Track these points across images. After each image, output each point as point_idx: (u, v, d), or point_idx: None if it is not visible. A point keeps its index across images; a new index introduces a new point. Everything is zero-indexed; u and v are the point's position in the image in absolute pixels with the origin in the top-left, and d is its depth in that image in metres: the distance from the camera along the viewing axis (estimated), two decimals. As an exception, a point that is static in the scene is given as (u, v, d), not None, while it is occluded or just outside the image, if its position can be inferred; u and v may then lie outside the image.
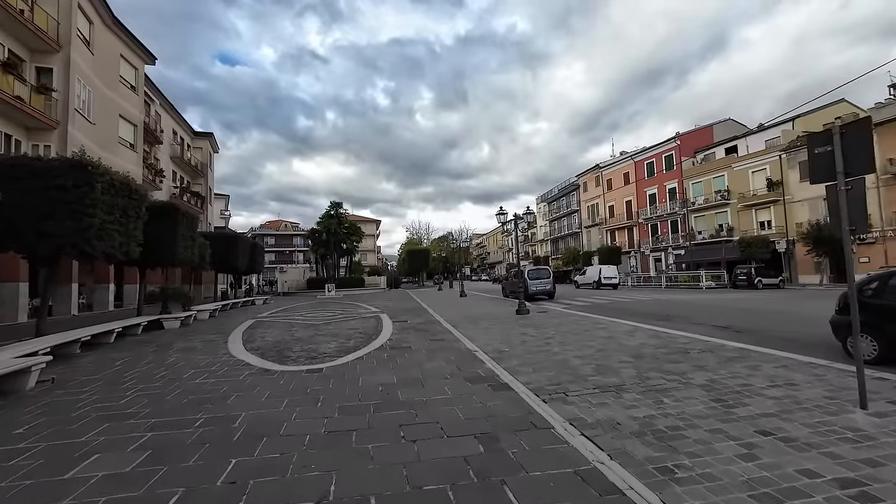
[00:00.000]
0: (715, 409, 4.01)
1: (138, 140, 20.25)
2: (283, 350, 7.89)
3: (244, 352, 7.81)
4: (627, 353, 6.63)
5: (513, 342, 8.13)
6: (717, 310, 13.45)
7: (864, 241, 24.13)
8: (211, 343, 9.01)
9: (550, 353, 6.95)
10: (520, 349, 7.38)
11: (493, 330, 9.97)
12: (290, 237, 77.77)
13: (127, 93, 19.47)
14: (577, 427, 3.68)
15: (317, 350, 7.80)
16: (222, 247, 20.74)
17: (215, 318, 14.97)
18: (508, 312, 13.98)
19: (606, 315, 12.20)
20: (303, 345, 8.44)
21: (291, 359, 7.02)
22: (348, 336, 9.55)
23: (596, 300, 18.98)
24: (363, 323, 12.25)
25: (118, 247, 10.64)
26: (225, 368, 6.33)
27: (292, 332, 10.59)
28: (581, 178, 52.07)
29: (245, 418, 4.06)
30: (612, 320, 10.76)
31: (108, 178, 10.23)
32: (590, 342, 7.73)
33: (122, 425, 3.96)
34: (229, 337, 9.90)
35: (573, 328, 9.65)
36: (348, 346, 8.25)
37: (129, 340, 9.66)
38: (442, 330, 10.22)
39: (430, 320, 12.50)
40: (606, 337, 8.22)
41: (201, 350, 8.10)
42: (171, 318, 11.91)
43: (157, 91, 25.45)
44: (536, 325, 10.39)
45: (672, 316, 12.00)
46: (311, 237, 41.67)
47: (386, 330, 10.44)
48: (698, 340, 7.43)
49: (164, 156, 25.84)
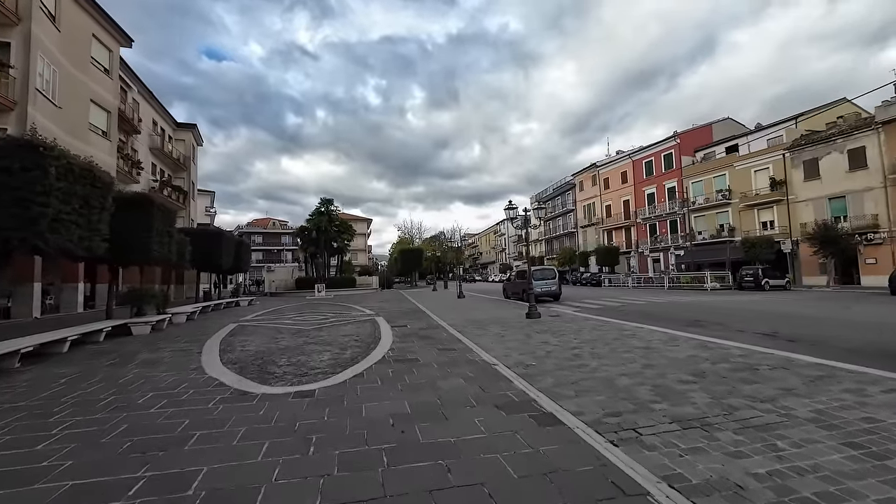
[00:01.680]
0: (858, 459, 2.93)
1: (112, 128, 18.70)
2: (266, 363, 6.65)
3: (219, 366, 6.55)
4: (682, 369, 5.56)
5: (536, 353, 7.02)
6: (747, 314, 12.47)
7: (871, 242, 23.62)
8: (182, 354, 7.71)
9: (587, 368, 5.85)
10: (548, 363, 6.26)
11: (508, 337, 8.84)
12: (278, 235, 75.87)
13: (99, 76, 17.92)
14: (682, 493, 2.56)
15: (307, 363, 6.58)
16: (205, 244, 19.31)
17: (194, 322, 13.59)
18: (517, 316, 12.88)
19: (627, 319, 11.16)
20: (290, 356, 7.21)
21: (276, 376, 5.79)
22: (343, 345, 8.33)
23: (607, 302, 17.97)
24: (358, 328, 11.03)
25: (77, 241, 9.28)
26: (191, 391, 5.08)
27: (278, 339, 9.33)
28: (577, 178, 51.34)
29: (205, 480, 2.85)
30: (638, 326, 9.71)
31: (66, 163, 8.88)
32: (626, 354, 6.65)
33: (17, 496, 2.72)
34: (205, 345, 8.60)
35: (598, 336, 8.58)
36: (344, 357, 7.04)
37: (86, 350, 8.31)
38: (449, 337, 9.06)
39: (432, 325, 11.33)
40: (644, 347, 7.15)
41: (168, 363, 6.81)
42: (140, 323, 10.53)
43: (135, 78, 23.83)
44: (554, 332, 9.29)
45: (703, 321, 10.97)
46: (300, 235, 40.14)
47: (385, 337, 9.24)
48: (757, 353, 6.39)
49: (142, 147, 24.22)
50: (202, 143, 34.36)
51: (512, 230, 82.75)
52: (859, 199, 24.33)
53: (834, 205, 25.53)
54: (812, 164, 26.52)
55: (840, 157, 25.21)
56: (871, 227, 23.52)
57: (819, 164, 26.17)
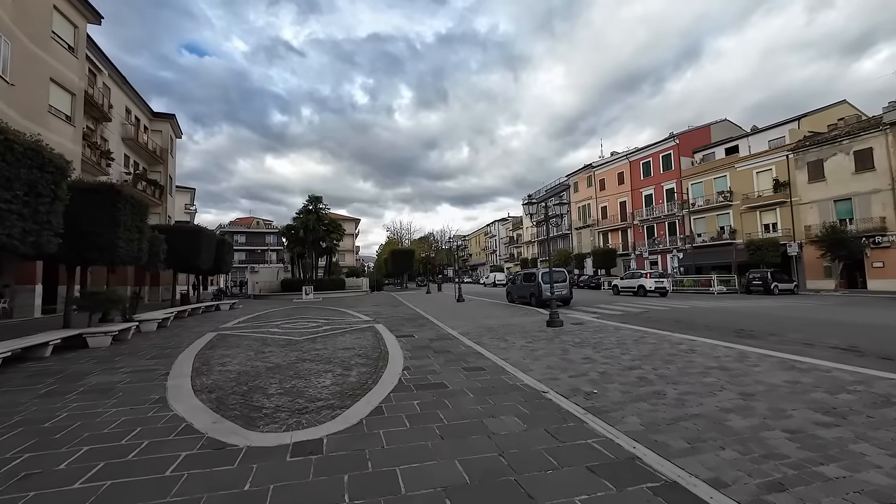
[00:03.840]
0: None
1: (77, 112, 16.81)
2: (251, 391, 5.17)
3: (190, 395, 5.04)
4: (799, 402, 4.31)
5: (588, 375, 5.71)
6: (791, 322, 11.23)
7: (878, 245, 23.13)
8: (144, 376, 6.16)
9: (668, 399, 4.56)
10: (612, 390, 4.95)
11: (539, 351, 7.53)
12: (262, 235, 73.39)
13: (62, 53, 16.03)
14: None
15: (305, 392, 5.13)
16: (182, 242, 17.54)
17: (166, 330, 11.90)
18: (534, 324, 11.60)
19: (663, 328, 9.96)
20: (282, 380, 5.74)
21: (265, 413, 4.34)
22: (345, 362, 6.88)
23: (625, 307, 16.66)
24: (358, 338, 9.58)
25: (20, 236, 7.67)
26: (145, 443, 3.60)
27: (266, 354, 7.81)
28: (572, 179, 50.55)
29: None
30: (688, 338, 8.46)
31: (2, 139, 7.30)
32: (706, 378, 5.38)
33: None
34: (175, 363, 7.04)
35: (649, 350, 7.32)
36: (350, 381, 5.62)
37: (23, 370, 6.67)
38: (469, 351, 7.69)
39: (442, 334, 9.95)
40: (718, 368, 5.90)
41: (122, 392, 5.27)
42: (97, 334, 8.85)
43: (106, 61, 21.86)
44: (592, 344, 8.01)
45: (751, 331, 9.67)
46: (286, 234, 38.19)
47: (394, 351, 7.82)
48: (874, 377, 5.17)
49: (113, 136, 22.22)
50: (181, 135, 32.25)
51: (503, 232, 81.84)
52: (866, 201, 23.85)
53: (839, 207, 25.04)
54: (817, 165, 26.01)
55: (846, 158, 24.73)
56: (879, 230, 23.04)
57: (824, 166, 25.68)
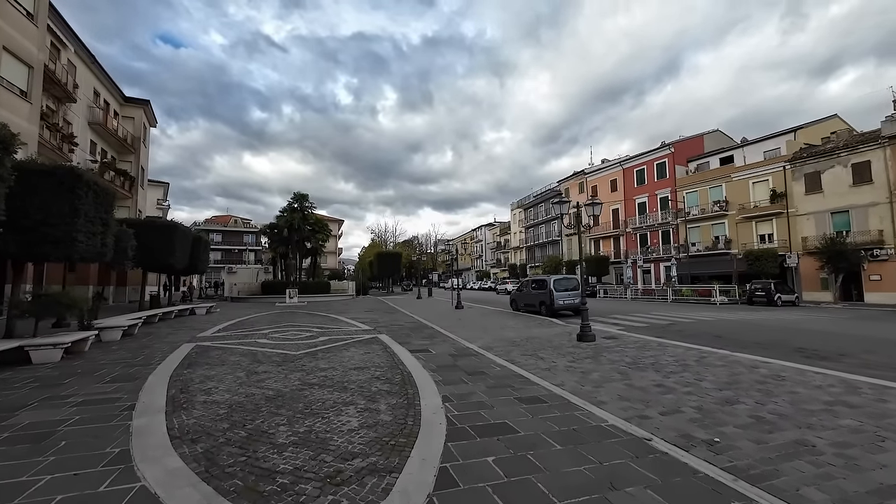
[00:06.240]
0: None
1: (35, 88, 14.76)
2: (253, 441, 3.73)
3: (165, 448, 3.56)
4: None
5: (683, 411, 4.53)
6: (837, 339, 10.28)
7: (876, 258, 23.11)
8: (99, 411, 4.60)
9: (829, 455, 3.40)
10: (738, 439, 3.77)
11: (592, 374, 6.32)
12: (239, 234, 70.37)
13: (18, 19, 14.02)
14: None
15: (328, 439, 3.73)
16: (154, 239, 15.65)
17: (133, 339, 10.13)
18: (557, 336, 10.43)
19: (710, 345, 8.88)
20: (291, 418, 4.31)
21: (282, 484, 2.93)
22: (364, 389, 5.47)
23: (647, 319, 15.26)
24: (365, 352, 8.16)
25: (-59, 222, 6.02)
26: (89, 561, 2.16)
27: (261, 376, 6.30)
28: (563, 185, 50.08)
29: None
30: (758, 359, 7.36)
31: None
32: (844, 421, 4.26)
33: None
34: (143, 389, 5.47)
35: (725, 376, 6.20)
36: (382, 419, 4.25)
37: (-67, 398, 4.99)
38: (505, 372, 6.42)
39: (461, 349, 8.62)
40: (839, 403, 4.80)
41: (65, 441, 3.74)
42: (43, 346, 7.13)
43: (73, 36, 19.69)
44: (652, 367, 6.85)
45: (813, 350, 8.65)
46: (269, 234, 36.06)
47: (416, 371, 6.46)
48: None
49: (78, 119, 20.00)
50: (156, 123, 29.89)
51: (490, 237, 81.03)
52: (863, 213, 23.86)
53: (836, 219, 25.02)
54: (814, 177, 26.00)
55: (843, 170, 24.76)
56: (877, 243, 23.02)
57: (821, 178, 25.67)
